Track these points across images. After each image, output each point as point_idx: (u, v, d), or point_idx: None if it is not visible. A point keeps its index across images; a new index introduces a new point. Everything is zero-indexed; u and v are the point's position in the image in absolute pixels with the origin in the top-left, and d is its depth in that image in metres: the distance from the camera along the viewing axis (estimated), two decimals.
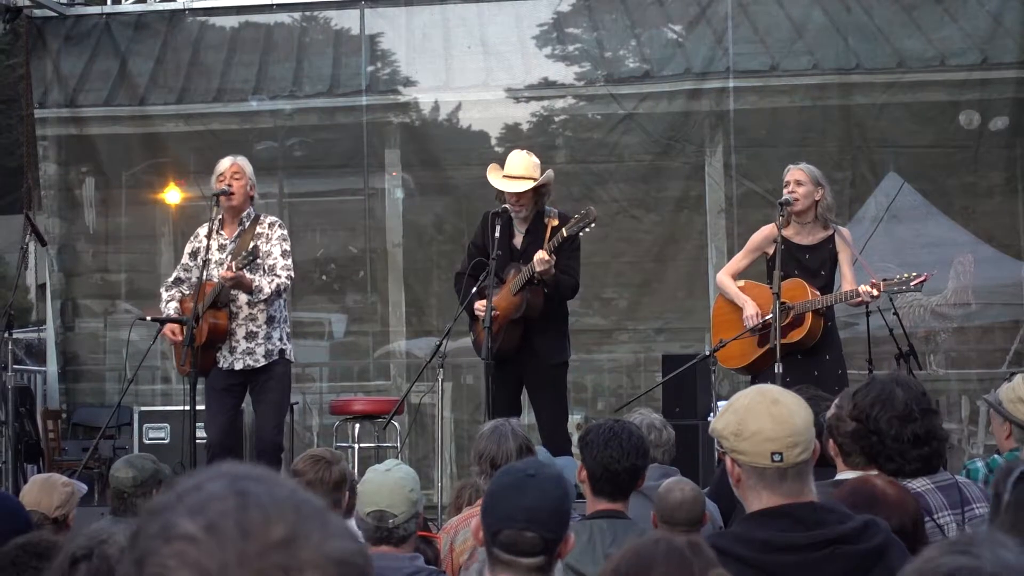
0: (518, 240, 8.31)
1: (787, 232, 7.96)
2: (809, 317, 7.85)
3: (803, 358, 7.83)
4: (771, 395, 3.32)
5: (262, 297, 8.35)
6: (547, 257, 7.90)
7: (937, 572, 1.66)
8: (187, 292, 8.64)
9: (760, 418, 3.25)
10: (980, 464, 5.01)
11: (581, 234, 8.07)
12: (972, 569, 1.64)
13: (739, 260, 8.45)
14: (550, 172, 8.33)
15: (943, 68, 11.87)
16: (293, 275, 8.58)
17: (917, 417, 4.09)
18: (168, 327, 8.52)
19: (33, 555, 3.76)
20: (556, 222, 8.16)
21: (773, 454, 3.23)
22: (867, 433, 4.09)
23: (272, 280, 8.37)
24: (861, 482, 3.78)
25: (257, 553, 1.33)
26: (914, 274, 7.71)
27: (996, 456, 5.01)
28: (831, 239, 8.09)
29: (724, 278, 8.42)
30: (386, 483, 4.50)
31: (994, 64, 11.75)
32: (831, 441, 4.17)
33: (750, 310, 8.08)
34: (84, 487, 6.38)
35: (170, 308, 8.61)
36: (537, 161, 8.27)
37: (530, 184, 8.13)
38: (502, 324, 8.04)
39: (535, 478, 3.35)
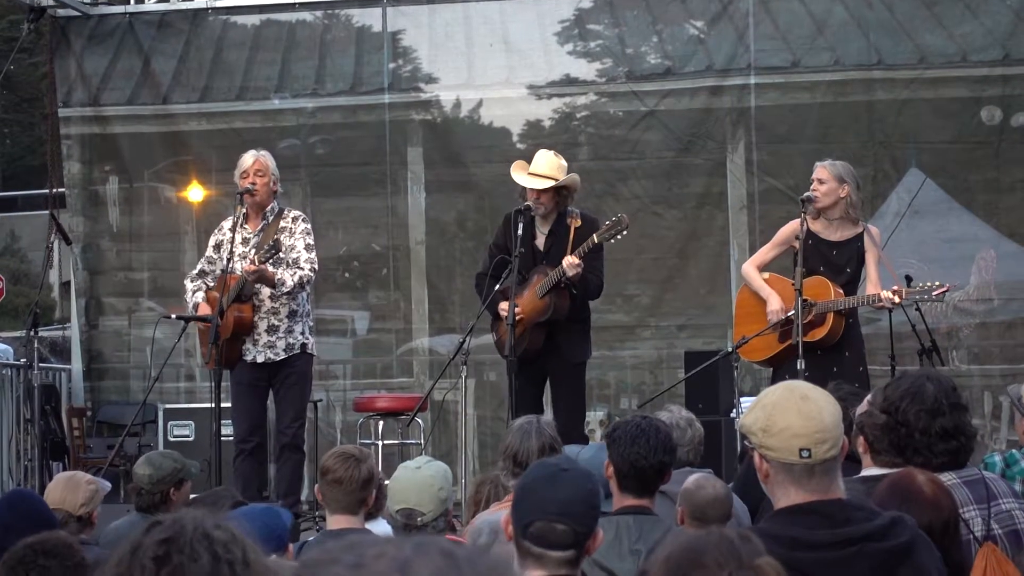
0: (540, 241, 8.31)
1: (816, 227, 7.99)
2: (831, 316, 7.85)
3: (823, 354, 7.83)
4: (800, 391, 3.33)
5: (284, 290, 8.40)
6: (576, 261, 7.91)
7: None
8: (211, 285, 8.71)
9: (788, 414, 3.26)
10: (998, 458, 5.04)
11: (612, 241, 8.09)
12: None
13: (766, 252, 8.44)
14: (575, 176, 8.34)
15: (965, 64, 11.84)
16: (317, 267, 8.63)
17: (946, 411, 4.09)
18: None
19: (40, 553, 3.80)
20: (579, 222, 8.16)
21: (801, 450, 3.24)
22: (896, 425, 4.10)
23: (295, 273, 8.42)
24: (902, 476, 3.78)
25: None
26: (936, 283, 7.71)
27: (1014, 451, 5.03)
28: (860, 237, 8.07)
29: (750, 269, 8.41)
30: (415, 481, 4.52)
31: (1016, 60, 11.72)
32: (860, 437, 4.18)
33: (774, 304, 8.07)
34: (108, 485, 6.41)
35: (197, 297, 8.65)
36: (564, 164, 8.29)
37: (551, 183, 8.14)
38: (527, 327, 8.05)
39: (568, 472, 3.37)
